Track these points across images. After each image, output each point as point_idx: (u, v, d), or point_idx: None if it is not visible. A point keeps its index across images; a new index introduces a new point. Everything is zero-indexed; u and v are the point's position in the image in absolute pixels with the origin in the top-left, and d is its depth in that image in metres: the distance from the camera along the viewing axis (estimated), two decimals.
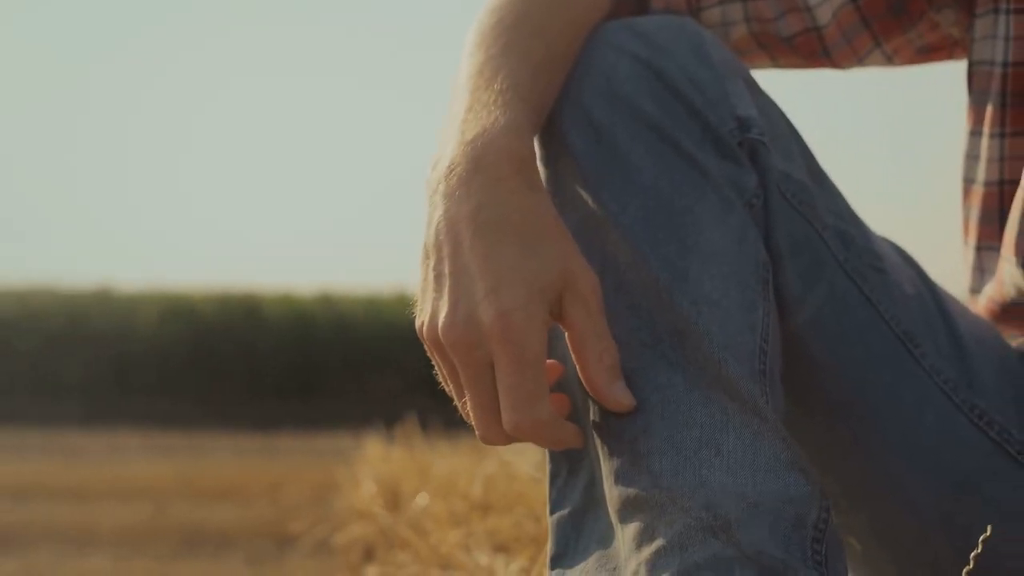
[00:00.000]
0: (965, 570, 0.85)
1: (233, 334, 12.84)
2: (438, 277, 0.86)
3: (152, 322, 12.94)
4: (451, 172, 0.87)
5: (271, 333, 12.90)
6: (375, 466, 2.40)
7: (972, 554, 0.86)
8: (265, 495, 6.57)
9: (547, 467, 0.94)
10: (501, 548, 1.56)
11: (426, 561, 1.54)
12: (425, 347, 0.88)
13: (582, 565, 0.87)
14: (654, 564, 0.80)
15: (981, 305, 1.17)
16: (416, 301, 0.89)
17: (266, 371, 12.56)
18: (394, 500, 2.05)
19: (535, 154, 0.90)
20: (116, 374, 12.54)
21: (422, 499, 1.81)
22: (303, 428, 9.57)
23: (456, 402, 0.89)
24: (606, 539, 0.86)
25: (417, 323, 0.88)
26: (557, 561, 0.90)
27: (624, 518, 0.84)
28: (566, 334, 0.87)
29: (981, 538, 0.87)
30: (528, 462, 2.33)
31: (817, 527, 0.82)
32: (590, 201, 0.93)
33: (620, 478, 0.84)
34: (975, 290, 1.19)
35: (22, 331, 12.73)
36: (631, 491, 0.83)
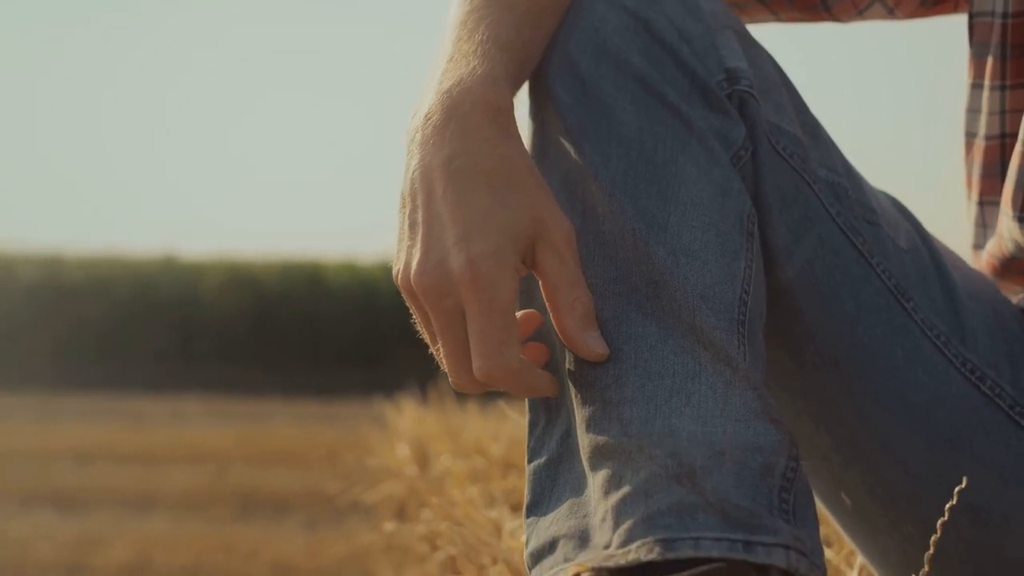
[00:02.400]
0: (940, 521, 0.85)
1: (296, 302, 12.95)
2: (412, 225, 0.87)
3: (216, 290, 13.08)
4: (427, 121, 0.88)
5: (334, 301, 12.99)
6: (408, 428, 2.43)
7: (947, 505, 0.86)
8: (324, 461, 6.64)
9: (527, 417, 0.94)
10: (517, 507, 1.57)
11: (443, 517, 1.55)
12: (402, 294, 0.89)
13: (555, 513, 0.87)
14: (620, 510, 0.80)
15: (983, 261, 1.16)
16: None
17: (328, 339, 12.66)
18: (423, 460, 2.08)
19: (512, 104, 0.90)
20: (180, 341, 12.69)
21: (446, 459, 1.82)
22: (364, 396, 9.63)
23: (431, 349, 0.90)
24: (579, 487, 0.86)
25: (393, 271, 0.89)
26: (532, 509, 0.90)
27: (594, 466, 0.84)
28: (540, 283, 0.88)
29: (956, 489, 0.87)
30: None
31: (785, 476, 0.82)
32: (573, 153, 0.93)
33: (591, 426, 0.85)
34: (978, 246, 1.17)
35: (89, 299, 12.91)
36: (601, 439, 0.84)
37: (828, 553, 1.32)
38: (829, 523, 1.41)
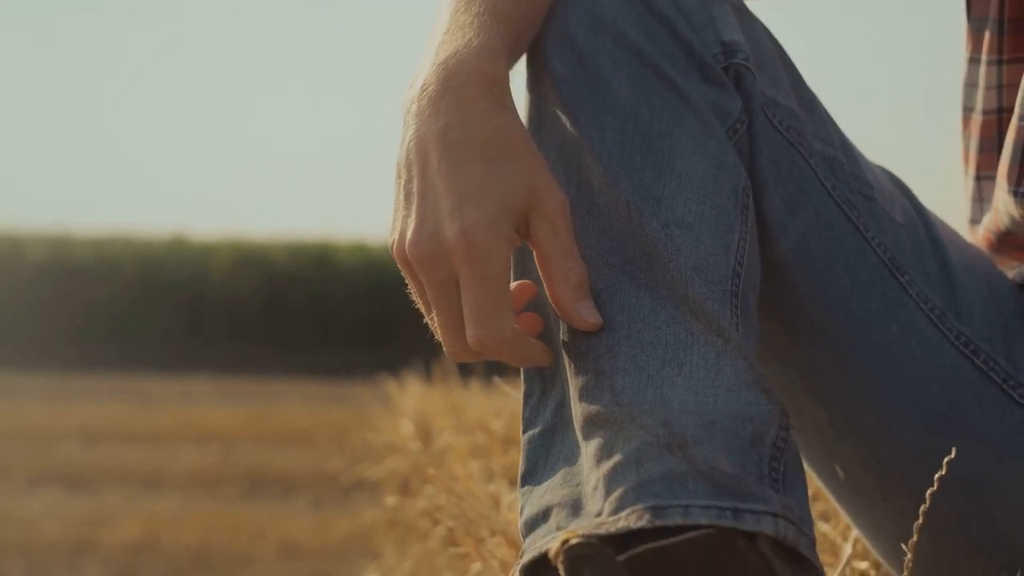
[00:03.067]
0: (929, 492, 0.86)
1: (305, 283, 12.97)
2: (407, 195, 0.88)
3: (225, 270, 13.10)
4: (423, 92, 0.88)
5: (343, 282, 13.00)
6: (412, 405, 2.44)
7: (936, 475, 0.86)
8: (332, 441, 6.66)
9: (523, 387, 0.95)
10: (516, 481, 1.58)
11: (443, 491, 1.56)
12: (397, 264, 0.90)
13: (549, 482, 0.88)
14: (611, 479, 0.81)
15: (980, 236, 1.16)
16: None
17: (337, 320, 12.68)
18: (426, 436, 2.09)
19: (507, 76, 0.91)
20: (189, 321, 12.72)
21: (448, 435, 1.83)
22: (373, 376, 9.65)
23: (426, 318, 0.91)
24: (572, 457, 0.87)
25: (389, 240, 0.90)
26: (526, 479, 0.91)
27: (587, 435, 0.85)
28: (534, 253, 0.88)
29: (946, 460, 0.88)
30: None
31: (776, 446, 0.83)
32: (569, 125, 0.94)
33: (584, 396, 0.85)
34: (975, 221, 1.18)
35: (98, 279, 12.93)
36: (594, 408, 0.84)
37: (825, 527, 1.32)
38: (827, 499, 1.42)
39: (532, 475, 0.91)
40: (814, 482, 1.13)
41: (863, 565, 1.22)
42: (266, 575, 4.00)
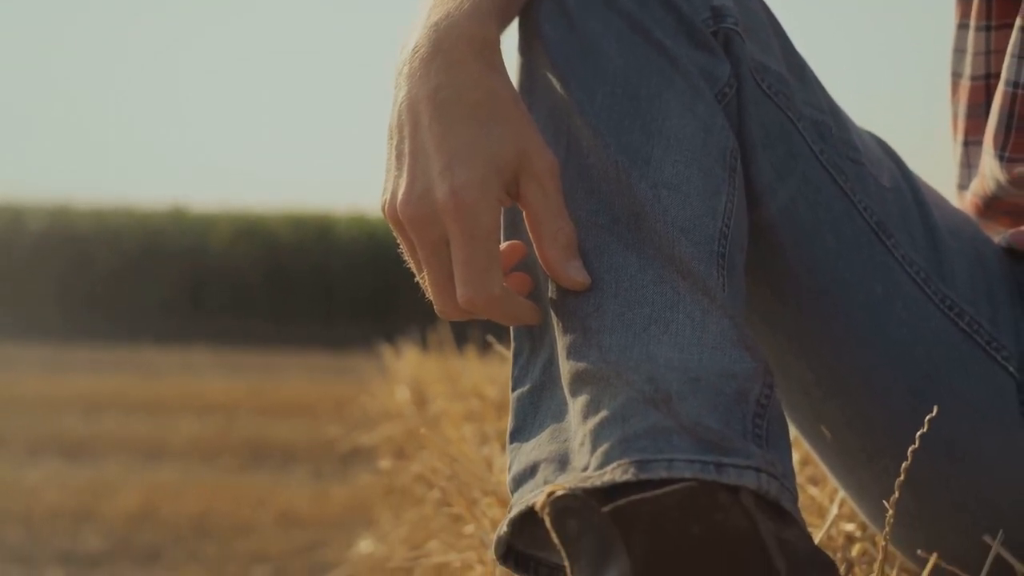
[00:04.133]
0: (910, 449, 0.87)
1: (306, 254, 12.96)
2: (399, 156, 0.89)
3: (226, 242, 13.09)
4: (414, 54, 0.90)
5: (344, 254, 13.00)
6: (408, 372, 2.45)
7: (918, 433, 0.88)
8: (332, 412, 6.68)
9: (512, 346, 0.96)
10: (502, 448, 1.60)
11: (437, 454, 1.57)
12: (389, 224, 0.91)
13: (536, 439, 0.89)
14: (597, 434, 0.82)
15: (967, 201, 1.18)
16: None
17: (338, 291, 12.68)
18: (422, 403, 2.10)
19: (498, 38, 0.92)
20: (190, 293, 12.72)
21: (443, 400, 1.85)
22: (373, 348, 9.67)
23: (417, 277, 0.92)
24: (560, 414, 0.88)
25: (380, 201, 0.91)
26: (515, 436, 0.92)
27: (574, 392, 0.86)
28: (524, 214, 0.90)
29: (928, 417, 0.89)
30: None
31: (759, 403, 0.84)
32: (559, 88, 0.95)
33: (572, 354, 0.87)
34: (962, 186, 1.19)
35: (99, 250, 12.93)
36: (581, 366, 0.86)
37: (813, 491, 1.34)
38: (815, 463, 1.43)
39: (520, 432, 0.92)
40: (803, 447, 1.14)
41: (849, 527, 1.24)
42: (265, 544, 4.02)
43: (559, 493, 0.77)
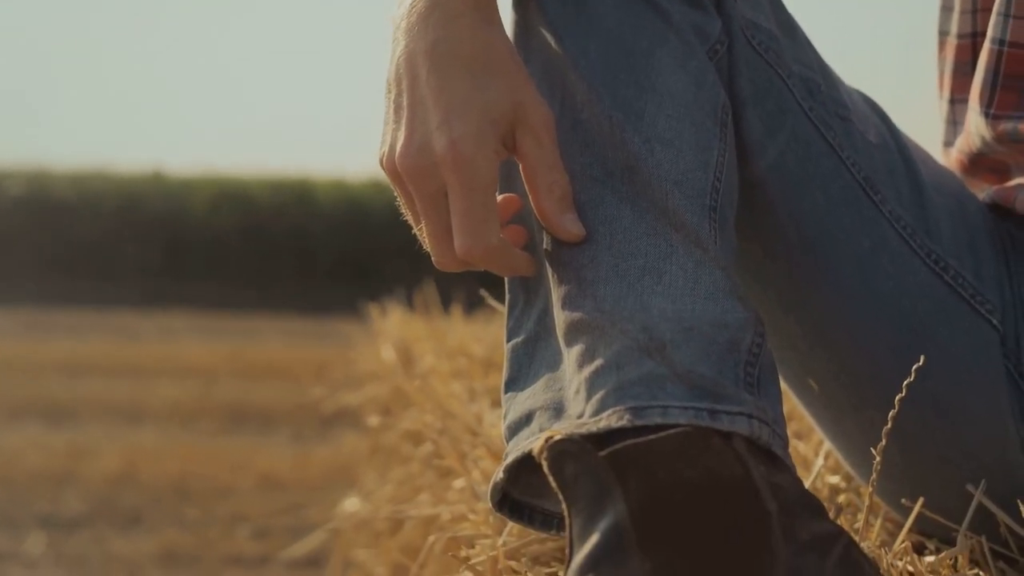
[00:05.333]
0: (898, 398, 0.89)
1: (285, 219, 12.92)
2: (397, 109, 0.90)
3: (205, 206, 13.05)
4: (412, 9, 0.91)
5: (323, 218, 12.97)
6: (393, 331, 2.47)
7: (904, 382, 0.89)
8: (313, 375, 6.69)
9: (506, 298, 0.98)
10: (498, 403, 1.61)
11: (426, 410, 1.59)
12: (387, 177, 0.92)
13: (531, 388, 0.91)
14: (592, 382, 0.84)
15: (952, 158, 1.19)
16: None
17: (318, 257, 12.66)
18: (408, 361, 2.12)
19: None
20: (169, 257, 12.69)
21: (430, 358, 1.86)
22: (354, 313, 9.67)
23: (414, 229, 0.94)
24: (555, 363, 0.90)
25: (378, 154, 0.92)
26: (510, 385, 0.94)
27: (569, 341, 0.88)
28: (520, 166, 0.91)
29: (915, 367, 0.91)
30: None
31: (751, 351, 0.86)
32: (554, 44, 0.96)
33: (567, 304, 0.88)
34: (948, 143, 1.21)
35: (78, 214, 12.88)
36: (576, 316, 0.87)
37: (798, 444, 1.36)
38: (800, 418, 1.45)
39: (515, 382, 0.94)
40: (788, 402, 1.16)
41: (834, 479, 1.26)
42: (245, 507, 4.03)
43: (557, 438, 0.79)
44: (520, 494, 0.93)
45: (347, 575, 2.79)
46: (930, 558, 1.01)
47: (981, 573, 1.01)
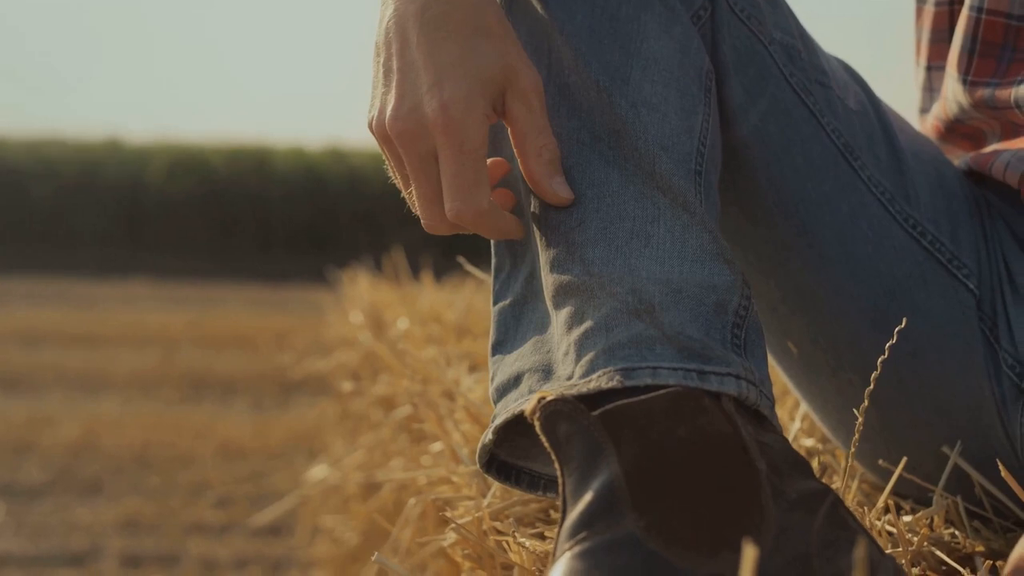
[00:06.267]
0: (880, 359, 0.90)
1: (244, 186, 12.86)
2: (387, 73, 0.90)
3: (162, 173, 12.96)
4: None
5: (282, 186, 12.91)
6: (363, 297, 2.46)
7: (888, 344, 0.91)
8: (272, 344, 6.67)
9: (492, 262, 0.98)
10: (474, 368, 1.62)
11: (401, 378, 1.60)
12: (376, 140, 0.93)
13: (519, 350, 0.92)
14: (582, 344, 0.85)
15: (928, 124, 1.21)
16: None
17: (276, 225, 12.62)
18: (378, 327, 2.12)
19: None
20: (127, 225, 12.61)
21: (402, 323, 1.86)
22: (313, 281, 9.64)
23: (403, 193, 0.94)
24: (543, 326, 0.91)
25: (368, 117, 0.92)
26: (497, 348, 0.95)
27: (558, 304, 0.88)
28: (509, 130, 0.91)
29: (897, 329, 0.92)
30: None
31: (738, 314, 0.87)
32: (540, 9, 0.97)
33: (555, 267, 0.89)
34: (924, 110, 1.22)
35: (34, 180, 12.76)
36: (565, 278, 0.88)
37: None
38: (774, 381, 1.47)
39: (502, 344, 0.95)
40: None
41: (809, 442, 1.27)
42: (206, 475, 4.03)
43: (550, 398, 0.80)
44: (507, 456, 0.94)
45: (315, 540, 2.80)
46: (907, 518, 1.03)
47: (956, 532, 1.03)
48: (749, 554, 0.53)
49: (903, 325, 0.93)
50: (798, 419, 1.24)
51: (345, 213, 11.96)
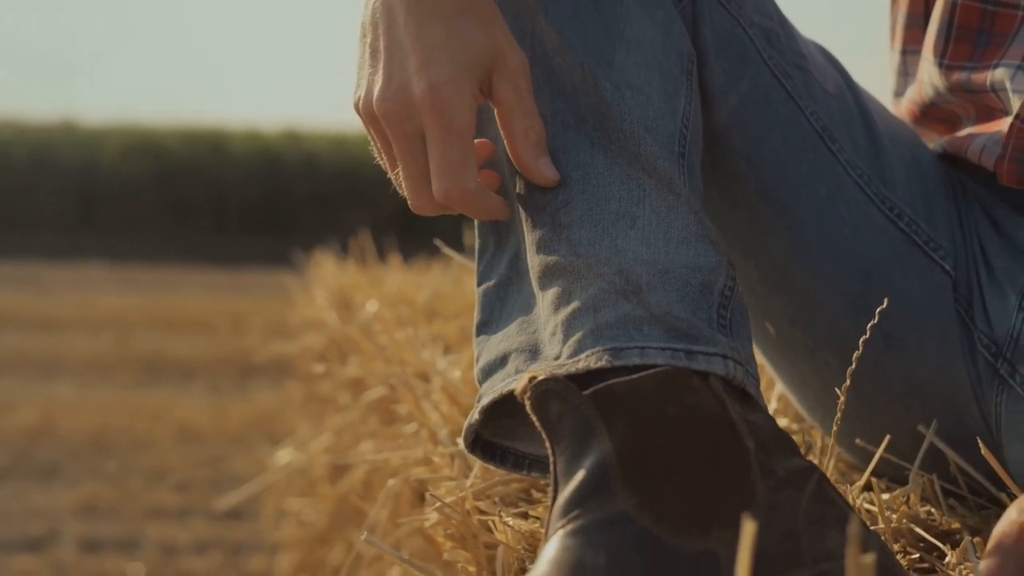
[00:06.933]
0: (861, 339, 0.91)
1: (199, 170, 12.78)
2: (374, 53, 0.90)
3: (117, 156, 12.87)
4: None
5: (237, 169, 12.84)
6: (329, 280, 2.46)
7: (869, 324, 0.92)
8: (230, 327, 6.65)
9: (476, 243, 0.99)
10: (447, 350, 1.62)
11: (373, 360, 1.60)
12: (361, 121, 0.93)
13: (504, 331, 0.92)
14: (569, 324, 0.85)
15: (904, 108, 1.22)
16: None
17: (232, 208, 12.56)
18: (346, 309, 2.11)
19: None
20: (81, 208, 12.52)
21: (372, 305, 1.86)
22: (269, 264, 9.60)
23: (390, 174, 0.94)
24: (528, 307, 0.91)
25: (354, 98, 0.92)
26: (482, 329, 0.95)
27: (544, 285, 0.89)
28: (495, 112, 0.92)
29: (879, 309, 0.93)
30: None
31: (723, 294, 0.88)
32: None
33: (541, 248, 0.90)
34: (898, 94, 1.24)
35: None
36: (551, 259, 0.88)
37: None
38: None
39: (487, 325, 0.95)
40: None
41: (783, 422, 1.28)
42: (164, 459, 4.02)
43: (541, 377, 0.80)
44: (491, 436, 0.94)
45: (280, 523, 2.79)
46: (884, 496, 1.04)
47: (933, 510, 1.04)
48: (748, 529, 0.54)
49: (885, 305, 0.94)
50: (773, 399, 1.25)
51: (301, 196, 11.92)
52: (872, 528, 0.92)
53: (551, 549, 0.74)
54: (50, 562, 3.06)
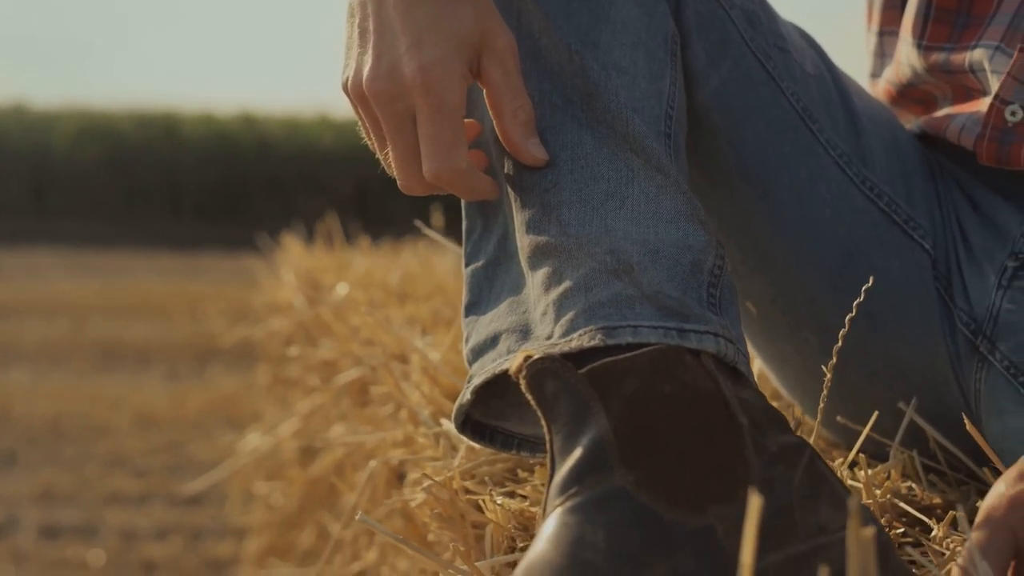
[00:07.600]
0: (848, 317, 0.92)
1: (152, 153, 12.69)
2: (363, 33, 0.90)
3: (69, 140, 12.75)
4: None
5: (191, 152, 12.75)
6: (296, 263, 2.45)
7: (855, 302, 0.93)
8: (185, 312, 6.61)
9: (463, 224, 0.99)
10: (425, 331, 1.62)
11: (346, 342, 1.59)
12: (350, 102, 0.93)
13: (494, 311, 0.92)
14: (561, 304, 0.86)
15: (880, 89, 1.23)
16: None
17: (187, 192, 12.48)
18: (314, 293, 2.11)
19: None
20: (32, 193, 12.40)
21: (342, 288, 1.86)
22: (225, 249, 9.55)
23: (378, 155, 0.94)
24: (517, 287, 0.92)
25: (342, 78, 0.92)
26: (470, 309, 0.96)
27: (534, 265, 0.89)
28: (484, 92, 0.92)
29: (864, 287, 0.94)
30: (446, 260, 2.39)
31: (713, 273, 0.89)
32: None
33: (531, 228, 0.90)
34: (875, 75, 1.25)
35: None
36: (541, 239, 0.89)
37: None
38: None
39: (476, 306, 0.95)
40: None
41: None
42: (122, 446, 4.00)
43: (536, 356, 0.81)
44: (480, 416, 0.95)
45: (248, 508, 2.79)
46: (868, 471, 1.05)
47: (913, 485, 1.05)
48: (755, 503, 0.54)
49: (870, 284, 0.95)
50: (754, 377, 1.25)
51: (256, 180, 11.86)
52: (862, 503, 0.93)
53: (550, 526, 0.75)
54: (9, 549, 3.04)
